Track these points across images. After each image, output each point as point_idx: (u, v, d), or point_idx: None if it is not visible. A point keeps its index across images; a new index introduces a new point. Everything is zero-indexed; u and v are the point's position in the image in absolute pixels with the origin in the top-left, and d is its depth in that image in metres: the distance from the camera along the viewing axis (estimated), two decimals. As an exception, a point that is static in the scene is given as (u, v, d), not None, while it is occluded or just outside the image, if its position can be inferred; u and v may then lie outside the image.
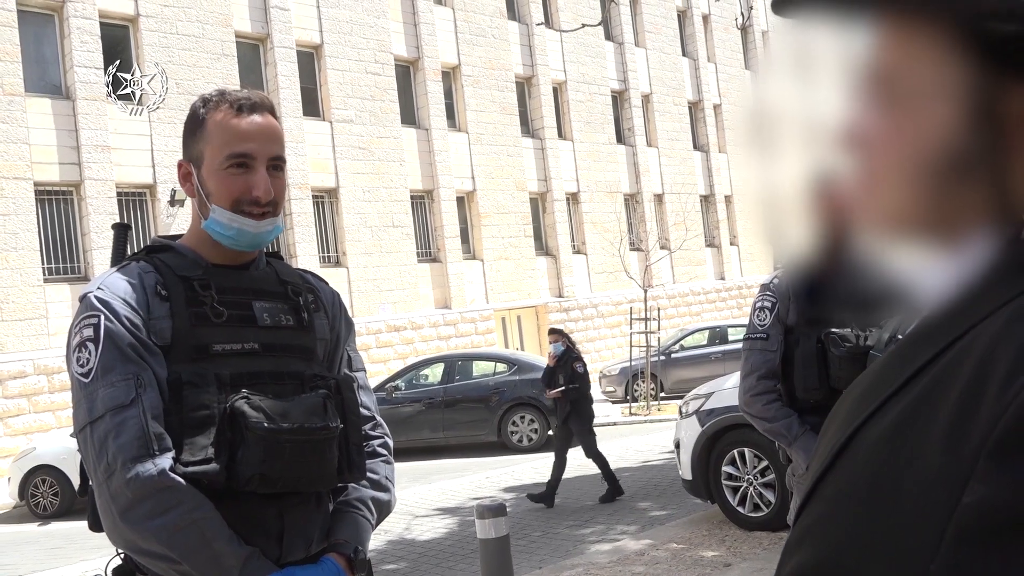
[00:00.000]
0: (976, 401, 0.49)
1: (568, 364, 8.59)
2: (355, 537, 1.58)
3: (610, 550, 6.17)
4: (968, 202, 0.58)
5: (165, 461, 1.40)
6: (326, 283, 1.79)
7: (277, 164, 1.58)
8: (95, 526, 1.53)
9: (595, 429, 8.66)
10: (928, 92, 0.58)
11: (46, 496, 11.29)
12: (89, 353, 1.45)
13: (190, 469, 1.41)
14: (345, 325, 1.75)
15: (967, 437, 0.49)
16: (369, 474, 1.66)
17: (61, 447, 11.45)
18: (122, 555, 1.53)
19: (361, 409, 1.67)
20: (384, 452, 1.73)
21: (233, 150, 1.53)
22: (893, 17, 0.60)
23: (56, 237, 15.43)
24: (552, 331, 9.09)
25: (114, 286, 1.51)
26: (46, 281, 15.02)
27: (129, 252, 1.72)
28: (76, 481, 11.27)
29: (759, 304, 2.81)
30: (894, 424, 0.55)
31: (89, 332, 1.47)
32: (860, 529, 0.54)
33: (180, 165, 1.62)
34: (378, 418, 1.75)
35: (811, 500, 0.61)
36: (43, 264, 15.03)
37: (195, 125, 1.58)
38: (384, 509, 1.69)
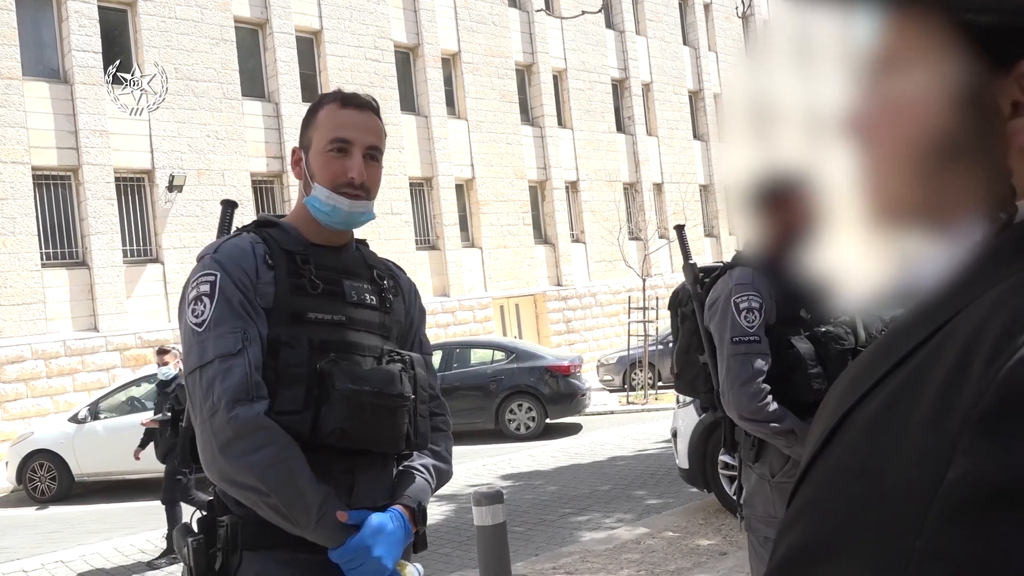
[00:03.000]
0: (961, 379, 0.50)
1: (175, 392, 6.80)
2: (418, 495, 1.75)
3: (606, 538, 6.19)
4: (959, 190, 0.59)
5: (262, 406, 1.57)
6: (404, 273, 1.98)
7: (374, 154, 1.79)
8: (184, 463, 1.79)
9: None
10: (922, 81, 0.59)
11: (43, 480, 11.31)
12: (204, 306, 1.62)
13: (281, 418, 1.58)
14: (419, 312, 1.94)
15: (952, 414, 0.49)
16: (431, 446, 1.83)
17: (59, 432, 11.46)
18: (209, 501, 1.72)
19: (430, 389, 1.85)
20: (444, 428, 1.91)
21: (335, 135, 1.74)
22: (891, 7, 0.61)
23: (54, 222, 15.38)
24: (160, 351, 7.33)
25: (231, 251, 1.69)
26: (44, 266, 14.99)
27: (234, 227, 1.93)
28: (73, 466, 11.33)
29: (745, 304, 2.57)
30: (883, 406, 0.56)
31: (206, 288, 1.64)
32: (849, 509, 0.55)
33: (293, 151, 1.82)
34: (441, 398, 1.91)
35: (803, 483, 0.62)
36: (41, 249, 15.00)
37: (310, 116, 1.79)
38: (443, 477, 1.86)
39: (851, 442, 0.58)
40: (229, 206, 2.06)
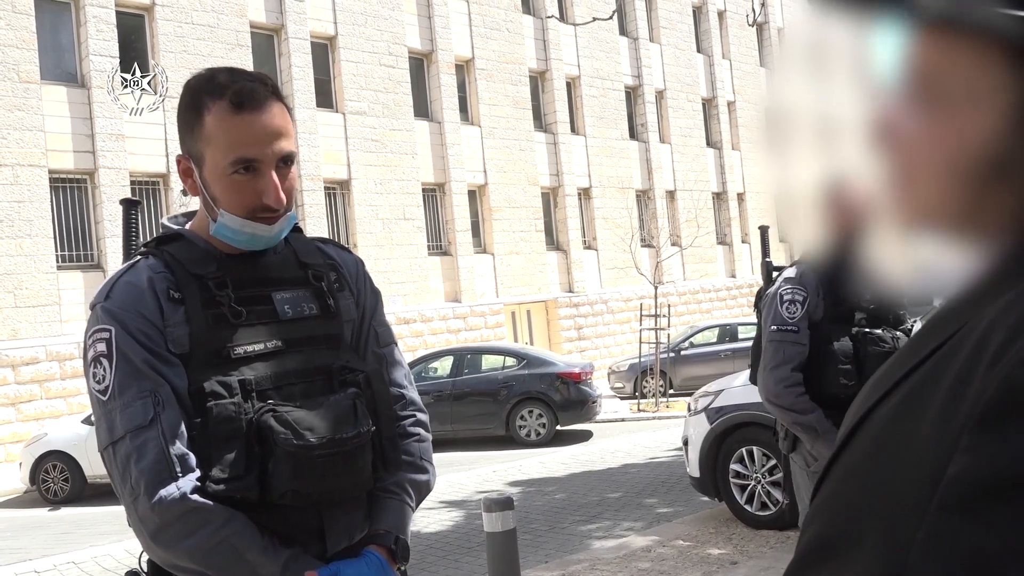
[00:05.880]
0: (967, 381, 0.53)
1: None
2: (395, 525, 1.54)
3: (616, 546, 6.16)
4: (999, 203, 0.59)
5: (188, 483, 1.35)
6: (348, 252, 1.69)
7: (287, 159, 1.46)
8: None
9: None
10: (968, 96, 0.58)
11: (56, 482, 11.38)
12: (104, 370, 1.39)
13: (221, 487, 1.36)
14: (371, 296, 1.67)
15: (956, 414, 0.52)
16: (403, 456, 1.59)
17: (72, 433, 11.53)
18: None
19: (392, 388, 1.62)
20: (417, 431, 1.65)
21: (238, 155, 1.41)
22: (934, 22, 0.60)
23: (70, 224, 15.52)
24: None
25: (124, 294, 1.42)
26: (59, 268, 15.12)
27: (140, 231, 1.70)
28: (86, 467, 11.39)
29: (788, 297, 2.77)
30: (898, 405, 0.60)
31: (102, 347, 1.40)
32: (861, 502, 0.59)
33: (179, 160, 1.50)
34: (408, 394, 1.67)
35: (825, 479, 0.66)
36: (56, 251, 15.13)
37: (192, 118, 1.45)
38: (423, 490, 1.63)
39: (869, 439, 0.61)
40: (130, 206, 1.69)
